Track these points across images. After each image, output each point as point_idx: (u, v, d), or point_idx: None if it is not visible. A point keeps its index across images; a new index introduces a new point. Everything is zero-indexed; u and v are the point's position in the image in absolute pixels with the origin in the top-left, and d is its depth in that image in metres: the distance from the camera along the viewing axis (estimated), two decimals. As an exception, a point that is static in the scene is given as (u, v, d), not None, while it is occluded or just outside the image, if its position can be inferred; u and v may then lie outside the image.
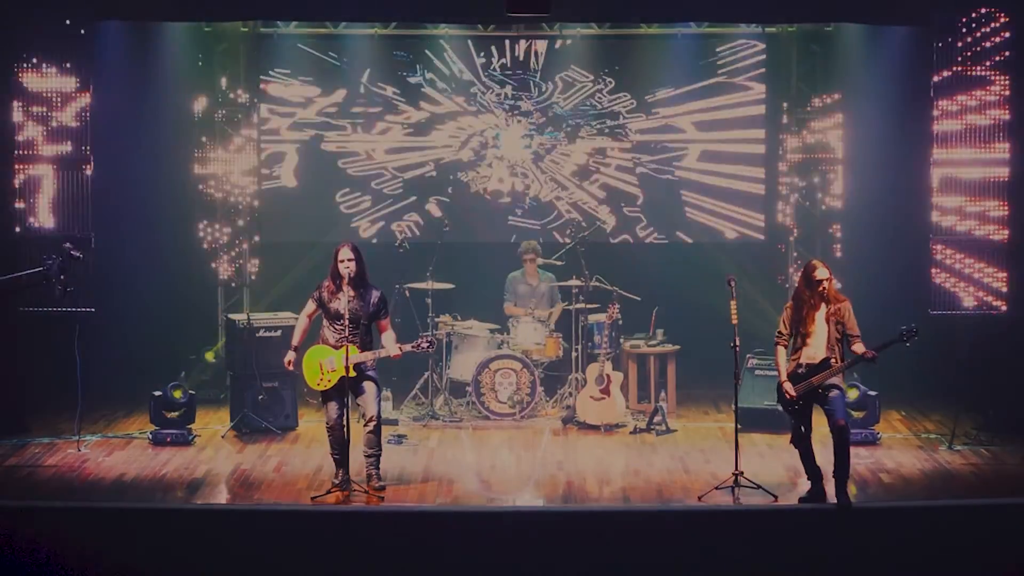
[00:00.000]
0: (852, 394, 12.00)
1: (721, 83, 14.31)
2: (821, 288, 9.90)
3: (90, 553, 9.35)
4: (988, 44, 12.27)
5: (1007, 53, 12.26)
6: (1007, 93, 12.30)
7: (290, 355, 10.56)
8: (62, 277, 10.60)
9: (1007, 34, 12.25)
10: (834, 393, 9.88)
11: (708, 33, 14.24)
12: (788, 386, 9.94)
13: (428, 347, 10.67)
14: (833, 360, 9.88)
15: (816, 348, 9.93)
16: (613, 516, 9.94)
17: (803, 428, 10.01)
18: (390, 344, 10.49)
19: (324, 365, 10.37)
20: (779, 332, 10.12)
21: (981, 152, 12.37)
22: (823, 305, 9.94)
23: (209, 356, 13.78)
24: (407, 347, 10.51)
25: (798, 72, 14.21)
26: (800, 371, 9.96)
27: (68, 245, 10.74)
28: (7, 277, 10.93)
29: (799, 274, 10.54)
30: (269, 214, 14.37)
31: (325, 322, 10.52)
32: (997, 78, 12.31)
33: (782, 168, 14.39)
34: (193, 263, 14.10)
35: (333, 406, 10.40)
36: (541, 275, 13.49)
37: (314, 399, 10.63)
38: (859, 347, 9.87)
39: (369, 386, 10.40)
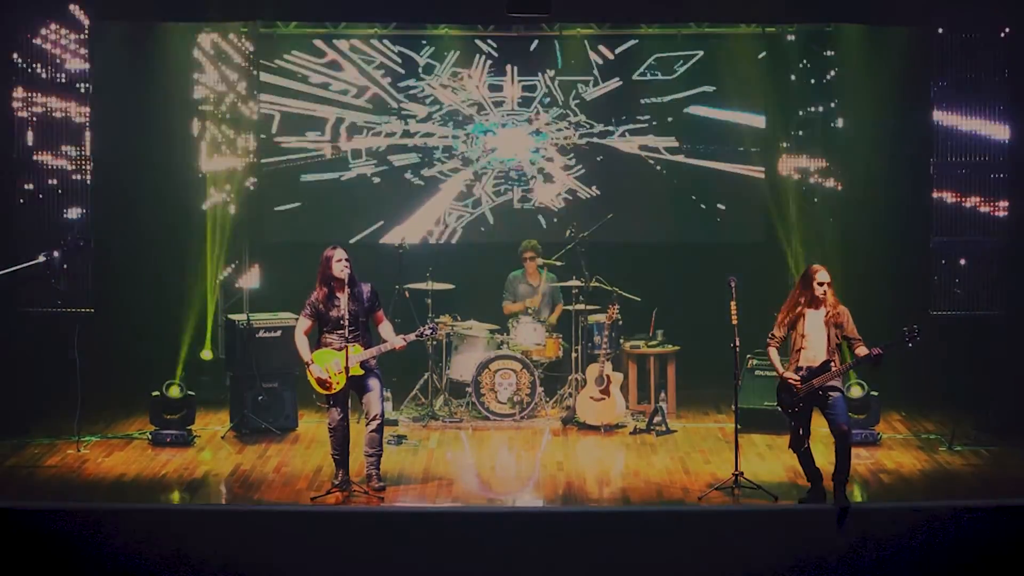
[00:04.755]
0: (855, 391, 12.00)
1: (721, 83, 14.31)
2: (822, 292, 9.89)
3: (90, 553, 9.35)
4: (987, 44, 12.27)
5: (1006, 53, 12.26)
6: (1006, 93, 12.30)
7: (315, 368, 10.42)
8: (65, 267, 10.61)
9: (1006, 34, 12.25)
10: (835, 396, 9.88)
11: (708, 33, 14.24)
12: (790, 375, 9.92)
13: (431, 333, 10.68)
14: (833, 363, 9.87)
15: (815, 351, 9.92)
16: (613, 516, 9.93)
17: (801, 431, 10.01)
18: (391, 336, 10.49)
19: (330, 368, 10.35)
20: (771, 334, 10.10)
21: (981, 152, 12.37)
22: (821, 308, 9.93)
23: (206, 355, 13.73)
24: (411, 337, 10.53)
25: (798, 72, 14.20)
26: (800, 374, 9.96)
27: (72, 235, 10.75)
28: (9, 270, 10.95)
29: (799, 276, 10.52)
30: (270, 213, 14.37)
31: (324, 331, 10.49)
32: (996, 78, 12.31)
33: (781, 168, 14.39)
34: (193, 263, 14.08)
35: (338, 407, 10.40)
36: (542, 275, 13.49)
37: (324, 403, 10.61)
38: (862, 349, 9.86)
39: (374, 384, 10.41)
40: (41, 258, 11.19)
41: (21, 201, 12.23)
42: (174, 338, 13.54)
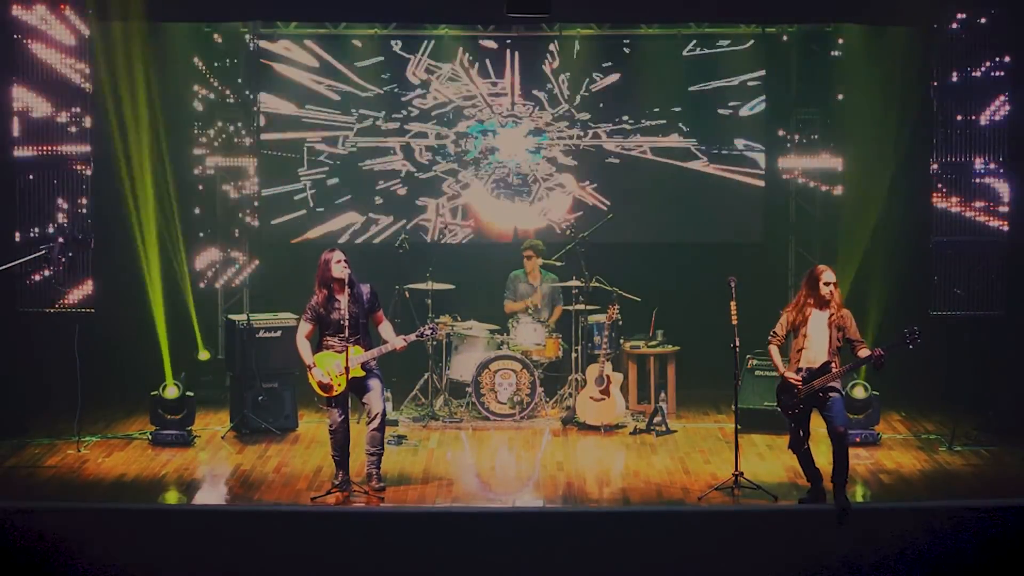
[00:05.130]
0: (859, 392, 12.00)
1: (720, 83, 14.32)
2: (828, 292, 9.91)
3: (90, 553, 9.35)
4: (988, 44, 12.27)
5: (1007, 53, 12.26)
6: (1007, 93, 12.30)
7: (316, 372, 10.41)
8: (62, 259, 10.61)
9: (1006, 34, 12.25)
10: (834, 397, 9.88)
11: (708, 33, 14.24)
12: (791, 375, 9.92)
13: (431, 333, 10.68)
14: (833, 365, 9.88)
15: (816, 352, 9.93)
16: (613, 516, 9.94)
17: (801, 432, 10.01)
18: (392, 337, 10.49)
19: (332, 371, 10.35)
20: (773, 332, 10.13)
21: (982, 152, 12.36)
22: (825, 310, 9.95)
23: (203, 355, 13.69)
24: (411, 337, 10.53)
25: (798, 72, 14.20)
26: (800, 374, 9.97)
27: (69, 227, 10.76)
28: (9, 264, 10.95)
29: (802, 276, 10.54)
30: (270, 214, 14.37)
31: (325, 334, 10.48)
32: (997, 78, 12.31)
33: (781, 169, 14.39)
34: (193, 263, 14.07)
35: (339, 408, 10.40)
36: (543, 275, 13.50)
37: (325, 405, 10.61)
38: (864, 351, 9.87)
39: (374, 383, 10.42)
40: (41, 250, 11.19)
41: (20, 200, 12.22)
42: (174, 338, 13.55)
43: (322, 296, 10.40)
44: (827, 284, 9.93)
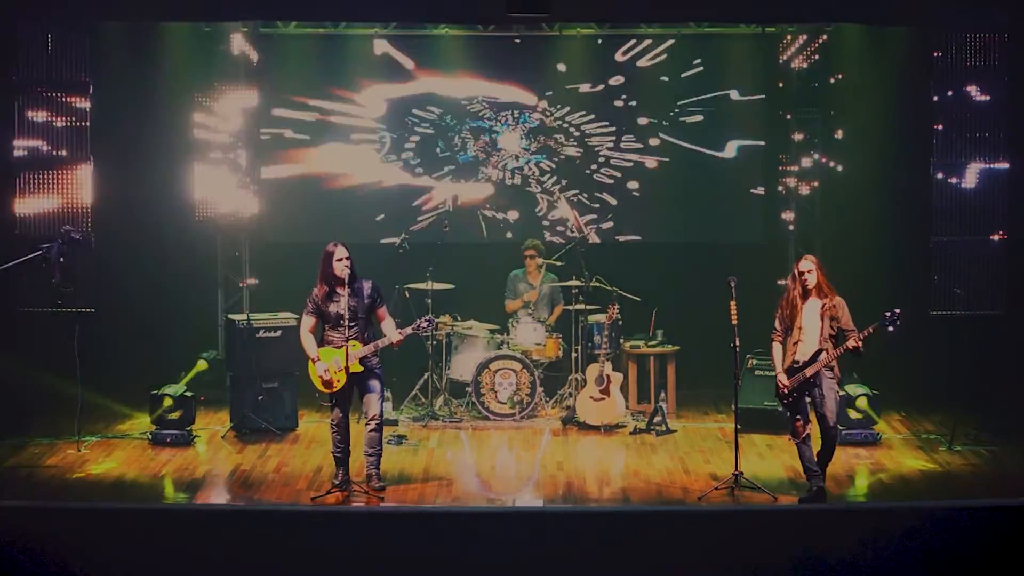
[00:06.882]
0: (862, 402, 12.00)
1: (720, 83, 14.31)
2: (803, 280, 9.99)
3: (90, 553, 9.34)
4: (986, 43, 12.28)
5: (1005, 52, 12.27)
6: (1006, 93, 12.31)
7: (319, 366, 10.43)
8: (61, 260, 10.61)
9: (1006, 35, 12.26)
10: (829, 392, 9.94)
11: (708, 33, 14.24)
12: (782, 377, 10.02)
13: (427, 326, 10.67)
14: (825, 352, 9.94)
15: (809, 343, 10.03)
16: (613, 516, 9.92)
17: (800, 419, 10.05)
18: (390, 332, 10.50)
19: (331, 367, 10.35)
20: (773, 329, 10.22)
21: (981, 152, 12.37)
22: (815, 299, 10.00)
23: (201, 364, 13.67)
24: (407, 331, 10.53)
25: (798, 72, 14.19)
26: (796, 364, 10.06)
27: (68, 228, 10.76)
28: (7, 265, 10.95)
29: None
30: (270, 213, 14.36)
31: (326, 327, 10.50)
32: (996, 77, 12.31)
33: (781, 169, 14.38)
34: (193, 263, 14.07)
35: (340, 405, 10.41)
36: (543, 275, 13.49)
37: (327, 402, 10.61)
38: (851, 343, 9.93)
39: (374, 383, 10.41)
40: (39, 251, 11.19)
41: (20, 200, 12.23)
42: (174, 338, 13.54)
43: (322, 291, 10.42)
44: (802, 272, 10.04)
